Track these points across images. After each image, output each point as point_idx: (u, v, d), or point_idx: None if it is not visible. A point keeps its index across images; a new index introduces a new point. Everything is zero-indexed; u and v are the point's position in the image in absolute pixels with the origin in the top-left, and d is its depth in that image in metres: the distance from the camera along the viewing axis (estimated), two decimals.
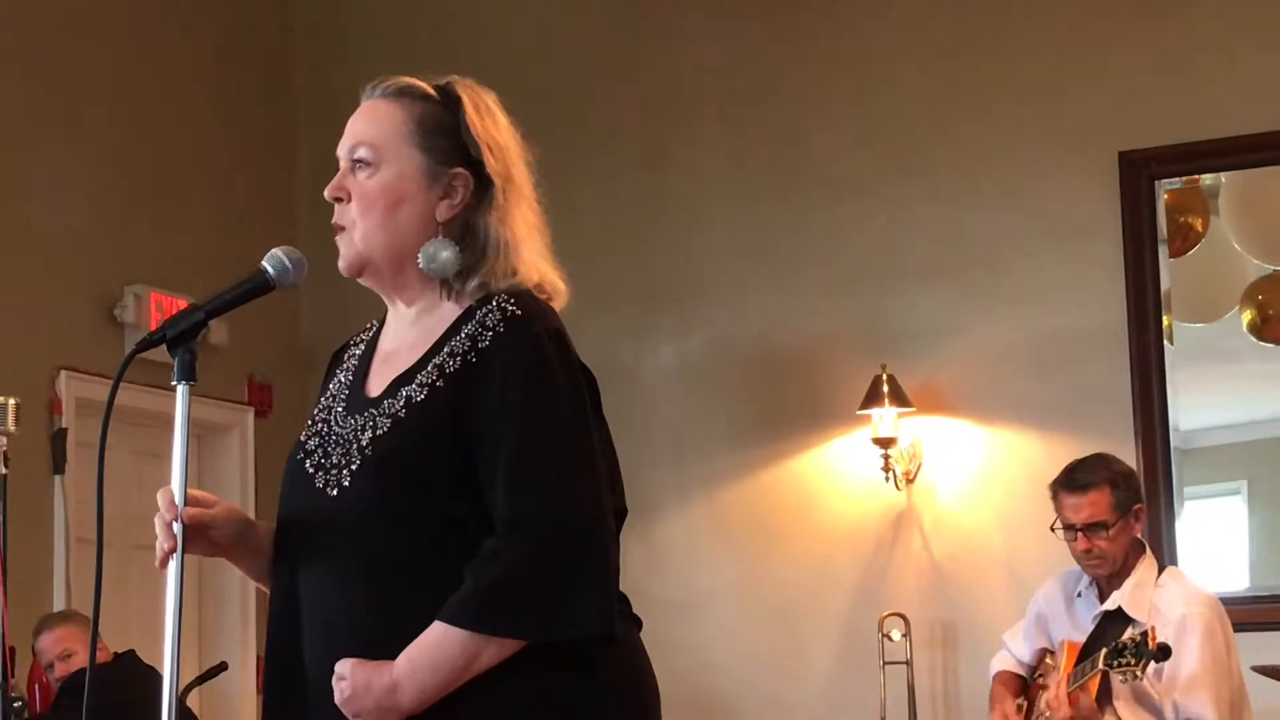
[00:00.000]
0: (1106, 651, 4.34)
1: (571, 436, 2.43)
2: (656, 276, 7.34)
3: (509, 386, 2.42)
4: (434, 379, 2.46)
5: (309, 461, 2.52)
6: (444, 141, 2.55)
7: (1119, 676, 4.35)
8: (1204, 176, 6.58)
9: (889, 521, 6.87)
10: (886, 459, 6.72)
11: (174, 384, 2.43)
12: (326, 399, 2.60)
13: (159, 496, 2.44)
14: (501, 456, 2.39)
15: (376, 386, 2.54)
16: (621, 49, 7.55)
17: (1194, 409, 6.51)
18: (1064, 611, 4.80)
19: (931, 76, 6.98)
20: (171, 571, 2.42)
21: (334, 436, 2.52)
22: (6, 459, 4.60)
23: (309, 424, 2.58)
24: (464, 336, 2.47)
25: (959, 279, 6.85)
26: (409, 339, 2.56)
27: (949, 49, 6.96)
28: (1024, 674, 4.90)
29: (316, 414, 2.59)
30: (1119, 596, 4.61)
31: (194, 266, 7.06)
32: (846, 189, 7.07)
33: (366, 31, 7.91)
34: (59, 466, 6.52)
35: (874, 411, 6.68)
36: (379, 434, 2.46)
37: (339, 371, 2.65)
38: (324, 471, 2.49)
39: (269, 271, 2.52)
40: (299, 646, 2.49)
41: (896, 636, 6.65)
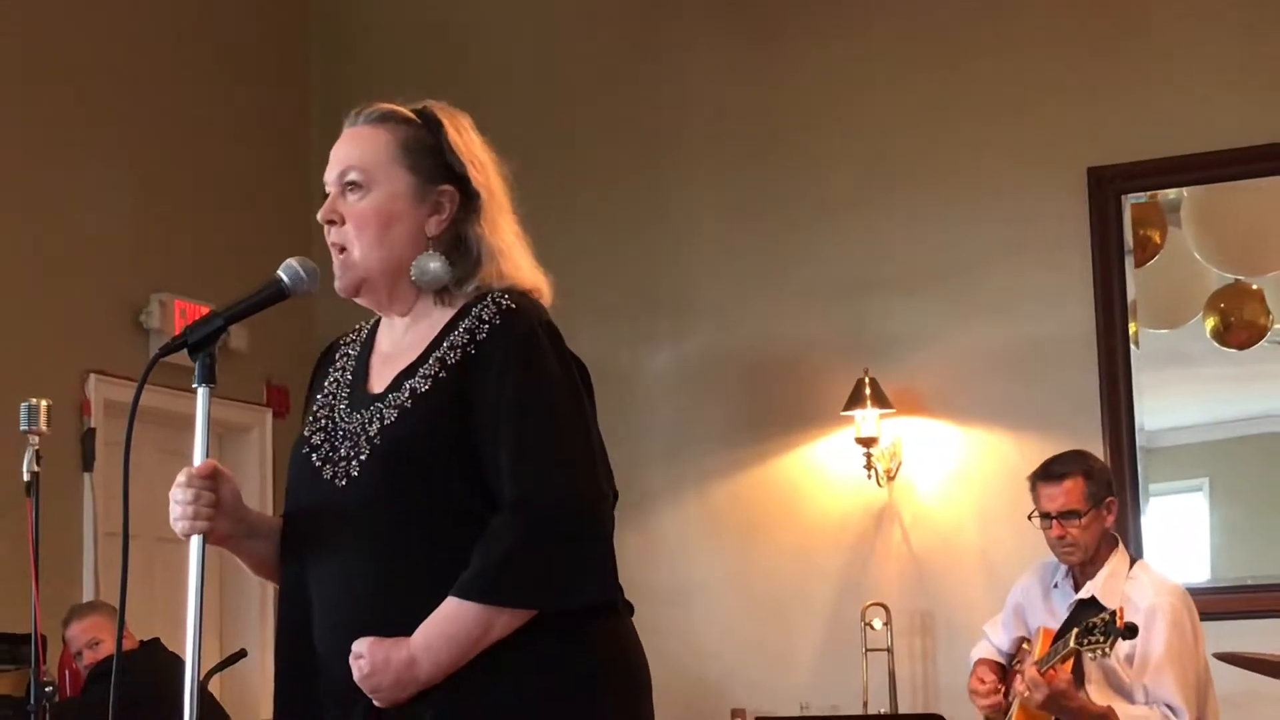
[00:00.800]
0: (1077, 631, 4.33)
1: (568, 420, 2.44)
2: (652, 286, 7.34)
3: (507, 375, 2.42)
4: (436, 371, 2.46)
5: (315, 456, 2.52)
6: (429, 161, 2.55)
7: (1089, 654, 4.33)
8: (1167, 191, 6.57)
9: (871, 516, 6.86)
10: (869, 457, 6.72)
11: (195, 386, 2.43)
12: (325, 397, 2.61)
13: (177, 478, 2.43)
14: (504, 441, 2.39)
15: (379, 383, 2.54)
16: (618, 72, 7.54)
17: (1158, 410, 6.51)
18: (1041, 601, 4.79)
19: (911, 97, 6.98)
20: (193, 565, 2.41)
21: (340, 431, 2.51)
22: (39, 457, 4.60)
23: (310, 421, 2.59)
24: (462, 330, 2.47)
25: (937, 288, 6.85)
26: (407, 341, 2.56)
27: (927, 72, 6.97)
28: (1003, 661, 4.89)
29: (318, 411, 2.59)
30: (1092, 586, 4.60)
31: (214, 276, 7.06)
32: (830, 203, 7.07)
33: (377, 56, 7.90)
34: (88, 464, 6.52)
35: (856, 413, 6.67)
36: (386, 424, 2.45)
37: (333, 371, 2.65)
38: (331, 464, 2.49)
39: (284, 280, 2.53)
40: (309, 633, 2.48)
41: (878, 625, 6.65)
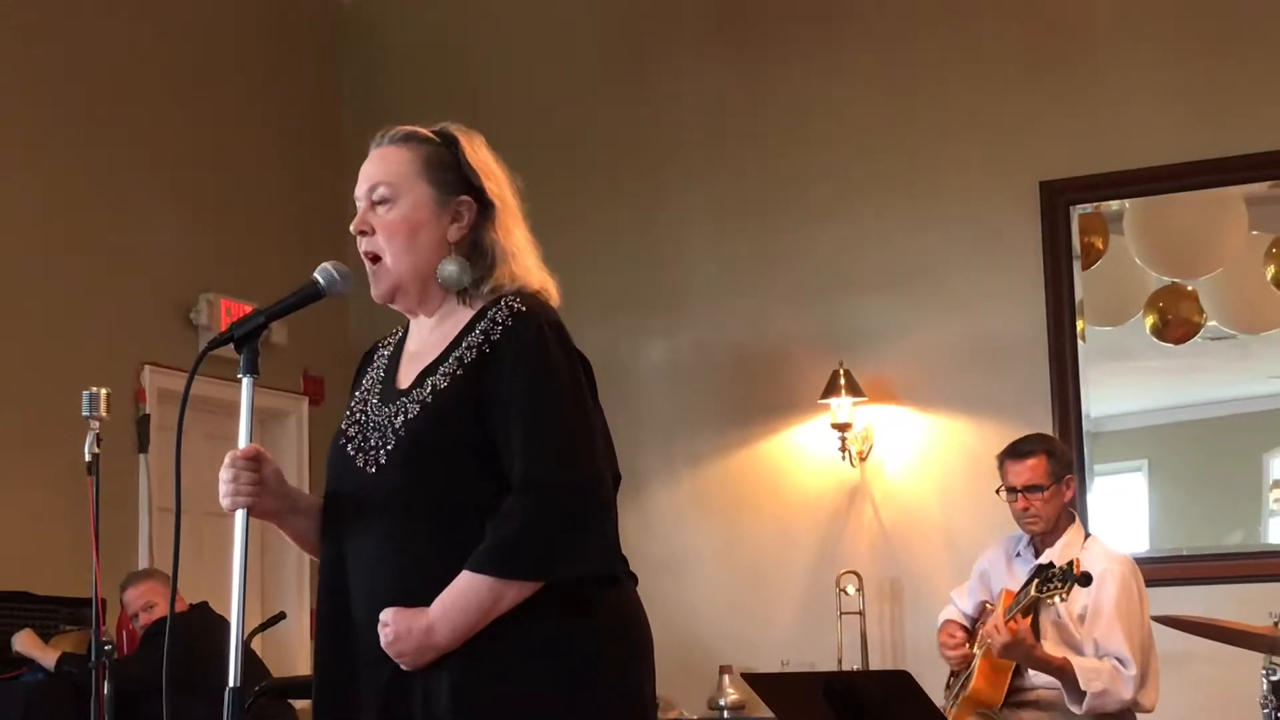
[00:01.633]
0: (1037, 581, 4.35)
1: (571, 411, 2.45)
2: (649, 287, 7.33)
3: (517, 371, 2.44)
4: (454, 369, 2.48)
5: (350, 445, 2.54)
6: (448, 175, 2.57)
7: (1048, 600, 4.35)
8: (1110, 203, 6.58)
9: (845, 494, 6.87)
10: (843, 441, 6.72)
11: (240, 376, 2.44)
12: (362, 393, 2.62)
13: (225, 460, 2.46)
14: (514, 430, 2.41)
15: (406, 380, 2.56)
16: (621, 93, 7.53)
17: (1103, 399, 6.51)
18: (1005, 568, 4.81)
19: (884, 117, 6.98)
20: (237, 537, 2.42)
21: (371, 423, 2.53)
22: (99, 440, 4.60)
23: (347, 414, 2.60)
24: (478, 332, 2.49)
25: (905, 288, 6.85)
26: (431, 340, 2.58)
27: (899, 95, 6.97)
28: (967, 624, 4.91)
29: (354, 405, 2.61)
30: (1051, 553, 4.62)
31: (257, 277, 7.07)
32: (810, 212, 7.07)
33: (402, 77, 7.90)
34: (143, 446, 6.52)
35: (832, 401, 6.68)
36: (410, 418, 2.47)
37: (370, 370, 2.66)
38: (363, 453, 2.51)
39: (320, 282, 2.54)
40: (347, 602, 2.50)
41: (851, 591, 6.66)
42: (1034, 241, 6.61)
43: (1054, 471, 4.70)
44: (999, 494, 4.78)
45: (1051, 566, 4.38)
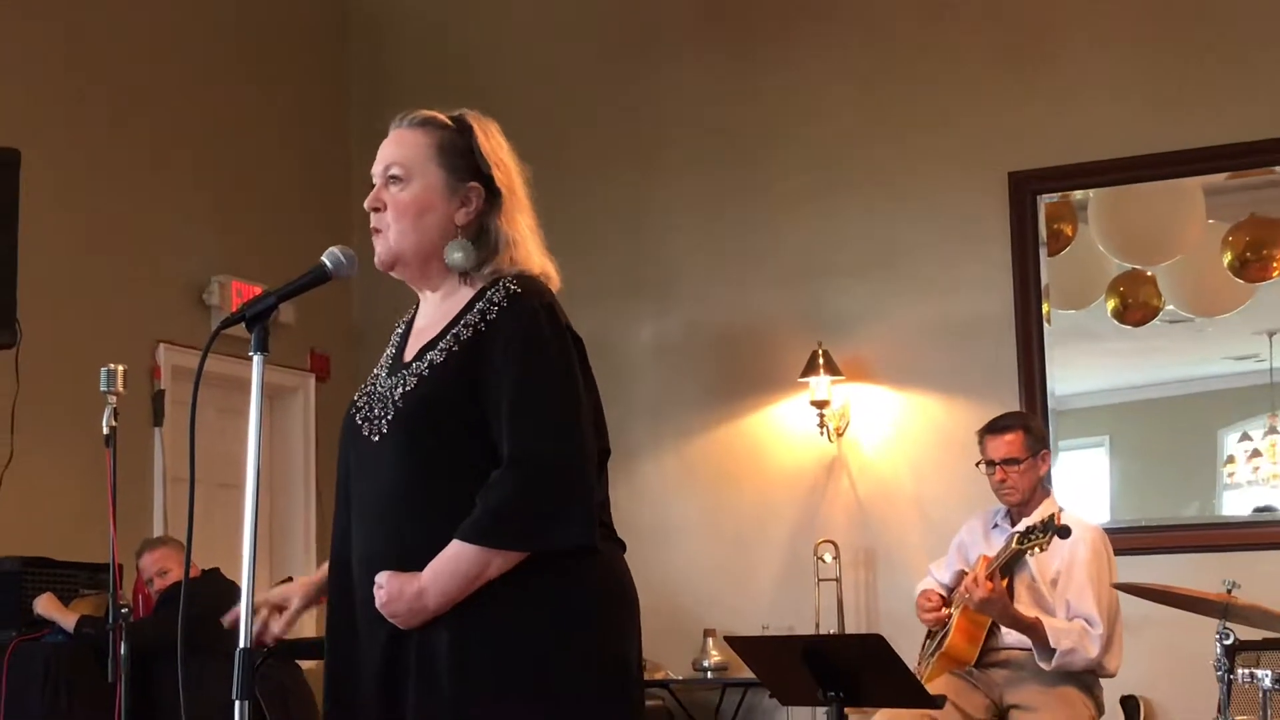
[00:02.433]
0: (1018, 535, 4.37)
1: (560, 388, 2.43)
2: (639, 271, 7.33)
3: (510, 350, 2.42)
4: (451, 345, 2.47)
5: (358, 416, 2.54)
6: (460, 161, 2.55)
7: (1030, 550, 4.37)
8: (1075, 192, 6.57)
9: (823, 467, 6.87)
10: (821, 417, 6.72)
11: (251, 354, 2.42)
12: (376, 369, 2.63)
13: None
14: (504, 405, 2.40)
15: (410, 354, 2.55)
16: (613, 89, 7.52)
17: (1066, 378, 6.52)
18: (982, 539, 4.81)
19: (860, 110, 6.97)
20: (248, 506, 2.40)
21: (377, 395, 2.53)
22: (117, 414, 4.58)
23: (361, 387, 2.61)
24: (476, 311, 2.48)
25: (880, 273, 6.85)
26: (435, 317, 2.57)
27: (874, 90, 6.96)
28: (944, 594, 4.91)
29: (368, 379, 2.62)
30: (1026, 522, 4.63)
31: (266, 260, 7.06)
32: (791, 201, 7.06)
33: (408, 69, 7.88)
34: (158, 420, 6.51)
35: (811, 379, 6.67)
36: (408, 390, 2.47)
37: (387, 348, 2.67)
38: (369, 422, 2.50)
39: (327, 265, 2.51)
40: (351, 564, 2.51)
41: (828, 559, 6.66)
42: (1002, 229, 6.60)
43: (1030, 446, 4.71)
44: (979, 467, 4.79)
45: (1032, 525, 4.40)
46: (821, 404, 6.68)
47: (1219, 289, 6.31)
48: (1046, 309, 6.51)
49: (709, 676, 6.77)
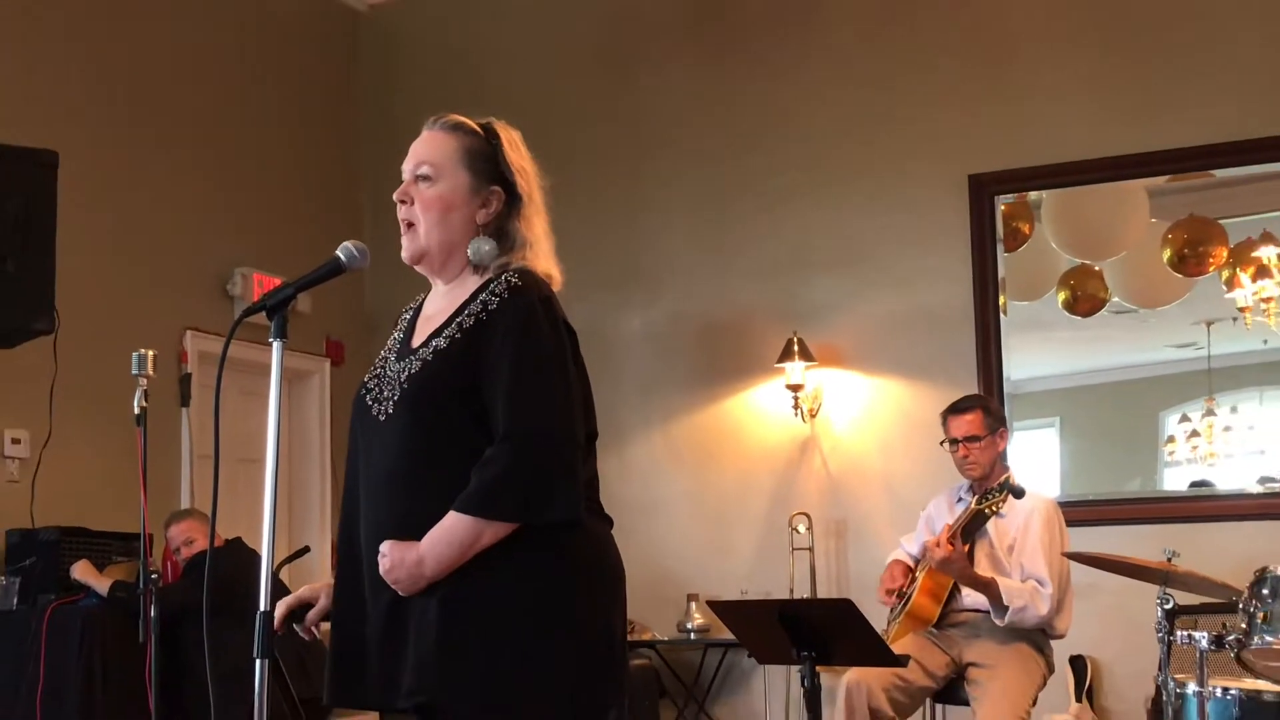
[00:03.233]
0: (977, 496, 4.42)
1: (551, 374, 2.43)
2: (629, 266, 7.32)
3: (507, 338, 2.42)
4: (455, 333, 2.47)
5: (369, 396, 2.54)
6: (485, 166, 2.55)
7: (989, 509, 4.40)
8: (1031, 193, 6.58)
9: (797, 445, 6.88)
10: (796, 400, 6.73)
11: (271, 340, 2.42)
12: (385, 352, 2.62)
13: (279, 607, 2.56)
14: (500, 388, 2.40)
15: (418, 340, 2.55)
16: (607, 98, 7.51)
17: (1021, 364, 6.52)
18: (947, 511, 4.83)
19: (832, 114, 6.97)
20: (268, 480, 2.41)
21: (385, 377, 2.53)
22: (146, 396, 4.57)
23: (371, 369, 2.60)
24: (479, 301, 2.48)
25: (851, 267, 6.85)
26: (442, 305, 2.57)
27: (847, 96, 6.95)
28: (911, 565, 4.92)
29: (377, 363, 2.61)
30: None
31: (285, 253, 7.05)
32: (770, 200, 7.06)
33: (414, 75, 7.86)
34: (185, 401, 6.49)
35: (787, 365, 6.68)
36: (413, 372, 2.47)
37: (395, 332, 2.67)
38: (378, 403, 2.50)
39: (341, 258, 2.51)
40: (359, 535, 2.51)
41: (802, 530, 6.68)
42: (963, 228, 6.61)
43: (989, 424, 4.74)
44: (943, 446, 4.80)
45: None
46: (796, 388, 6.69)
47: (1160, 283, 6.32)
48: (1003, 301, 6.52)
49: (692, 638, 6.78)
